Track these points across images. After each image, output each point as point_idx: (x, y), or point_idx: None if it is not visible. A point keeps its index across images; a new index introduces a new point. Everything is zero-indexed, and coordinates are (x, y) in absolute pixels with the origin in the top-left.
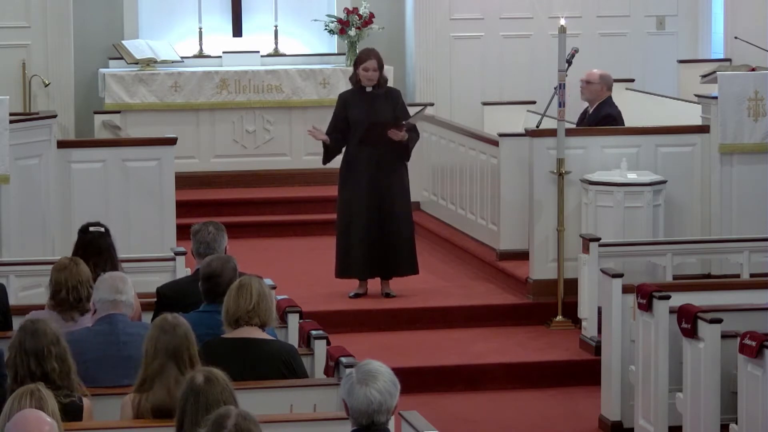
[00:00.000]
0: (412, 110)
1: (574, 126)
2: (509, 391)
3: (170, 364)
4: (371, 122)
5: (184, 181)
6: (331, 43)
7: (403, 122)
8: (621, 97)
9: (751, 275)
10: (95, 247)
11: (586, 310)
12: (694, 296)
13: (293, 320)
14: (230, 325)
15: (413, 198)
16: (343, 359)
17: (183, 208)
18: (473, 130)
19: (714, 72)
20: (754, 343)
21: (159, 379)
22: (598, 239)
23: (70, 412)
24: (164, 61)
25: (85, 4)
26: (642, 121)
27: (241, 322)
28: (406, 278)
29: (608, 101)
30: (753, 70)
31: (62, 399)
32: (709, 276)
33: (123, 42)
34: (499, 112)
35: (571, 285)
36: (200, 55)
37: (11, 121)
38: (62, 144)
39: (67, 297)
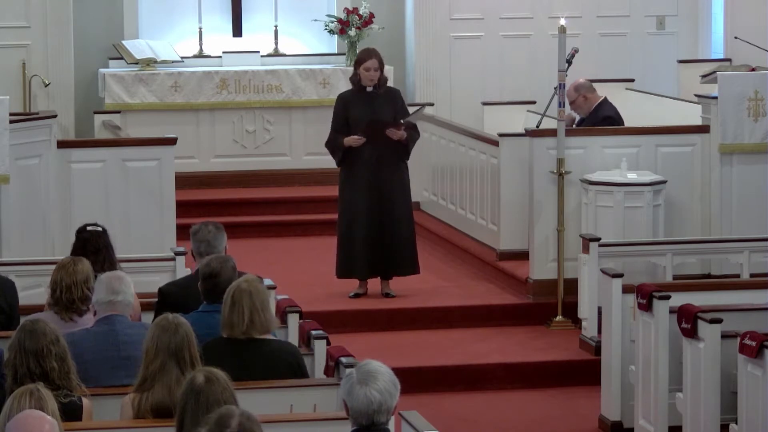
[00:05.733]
0: (411, 110)
1: (573, 126)
2: (509, 391)
3: (171, 364)
4: (370, 120)
5: (184, 181)
6: (331, 43)
7: (402, 121)
8: (621, 97)
9: (751, 275)
10: (93, 246)
11: (586, 310)
12: (694, 296)
13: (293, 320)
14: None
15: (413, 198)
16: (343, 359)
17: (183, 208)
18: (473, 130)
19: (714, 72)
20: (754, 343)
21: (160, 378)
22: (598, 239)
23: (70, 411)
24: (164, 61)
25: (85, 4)
26: (642, 121)
27: (239, 335)
28: (406, 278)
29: (604, 103)
30: (753, 70)
31: (62, 399)
32: (709, 276)
33: (123, 42)
34: (499, 112)
35: (571, 285)
36: (200, 55)
37: (11, 121)
38: (62, 144)
39: (61, 297)
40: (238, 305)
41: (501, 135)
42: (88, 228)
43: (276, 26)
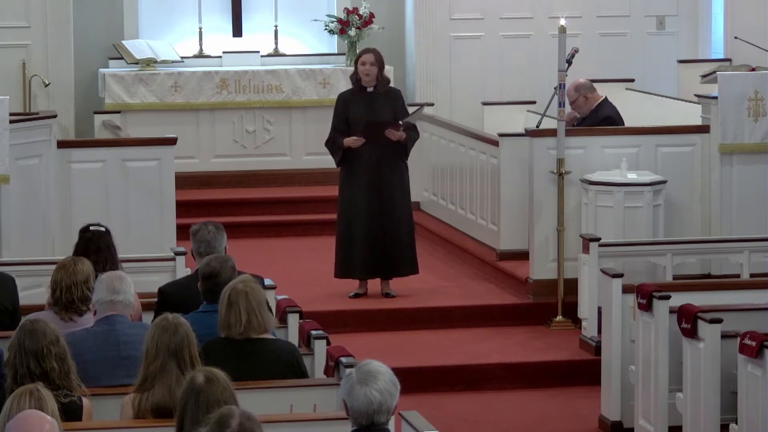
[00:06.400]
0: (410, 110)
1: (573, 126)
2: (509, 391)
3: (171, 364)
4: (368, 121)
5: (184, 181)
6: (331, 43)
7: (400, 122)
8: (621, 97)
9: (751, 275)
10: (95, 245)
11: (586, 310)
12: (694, 296)
13: (293, 320)
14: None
15: (413, 198)
16: (343, 359)
17: (183, 208)
18: (473, 130)
19: (714, 72)
20: (754, 343)
21: (160, 378)
22: (598, 239)
23: (70, 412)
24: (164, 61)
25: (85, 4)
26: (642, 121)
27: (236, 336)
28: (406, 278)
29: (604, 103)
30: (753, 70)
31: (62, 399)
32: (709, 276)
33: (123, 42)
34: (499, 112)
35: (571, 285)
36: (200, 55)
37: (11, 121)
38: (62, 144)
39: (61, 297)
40: (235, 306)
41: (501, 135)
42: (91, 228)
43: (276, 26)
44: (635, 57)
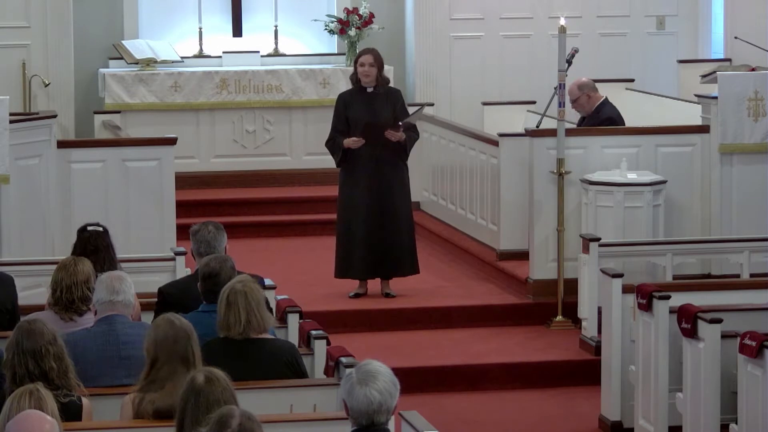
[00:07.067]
0: (411, 110)
1: (574, 126)
2: (509, 391)
3: (172, 365)
4: (367, 122)
5: (184, 181)
6: (331, 43)
7: (400, 122)
8: (621, 97)
9: (751, 275)
10: (93, 245)
11: (586, 310)
12: (694, 296)
13: (293, 320)
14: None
15: (413, 198)
16: (343, 359)
17: (183, 208)
18: (473, 130)
19: (714, 72)
20: (754, 343)
21: (161, 379)
22: (598, 239)
23: (70, 411)
24: (164, 61)
25: (85, 4)
26: (642, 121)
27: (236, 336)
28: (406, 278)
29: (605, 103)
30: (753, 70)
31: (61, 399)
32: (709, 276)
33: (123, 42)
34: (499, 112)
35: (571, 285)
36: (200, 55)
37: (11, 121)
38: (62, 144)
39: (61, 297)
40: (234, 306)
41: (501, 135)
42: (89, 228)
43: (276, 26)
44: (635, 57)
